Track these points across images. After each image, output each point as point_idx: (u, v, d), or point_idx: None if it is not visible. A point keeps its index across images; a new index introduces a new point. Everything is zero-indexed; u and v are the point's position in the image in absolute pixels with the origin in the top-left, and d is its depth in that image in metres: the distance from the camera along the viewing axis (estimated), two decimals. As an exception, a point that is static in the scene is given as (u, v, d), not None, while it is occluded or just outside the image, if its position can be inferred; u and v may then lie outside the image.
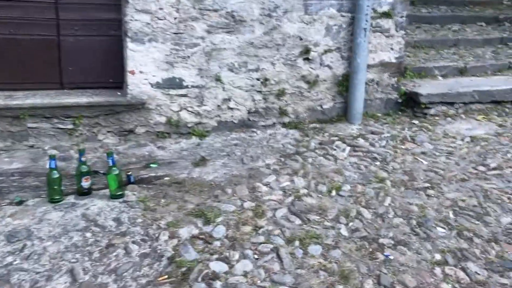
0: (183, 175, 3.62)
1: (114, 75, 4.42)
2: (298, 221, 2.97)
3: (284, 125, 4.72)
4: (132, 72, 4.18)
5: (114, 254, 2.59)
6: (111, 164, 3.11)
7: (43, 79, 4.28)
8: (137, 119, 4.30)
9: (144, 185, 3.44)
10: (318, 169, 3.70)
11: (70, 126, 4.13)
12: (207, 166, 3.79)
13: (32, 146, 4.05)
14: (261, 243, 2.74)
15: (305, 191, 3.35)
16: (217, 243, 2.73)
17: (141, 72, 4.20)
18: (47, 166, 3.15)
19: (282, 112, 4.72)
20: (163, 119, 4.37)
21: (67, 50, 4.30)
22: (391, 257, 2.65)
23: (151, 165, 3.84)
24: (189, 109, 4.43)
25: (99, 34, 4.36)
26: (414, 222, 3.00)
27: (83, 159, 3.15)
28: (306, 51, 4.64)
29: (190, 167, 3.79)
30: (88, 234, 2.74)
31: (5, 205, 3.08)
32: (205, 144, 4.28)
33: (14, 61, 4.16)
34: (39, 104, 3.96)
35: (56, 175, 3.10)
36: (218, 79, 4.43)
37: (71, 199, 3.16)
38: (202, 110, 4.46)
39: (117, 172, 3.15)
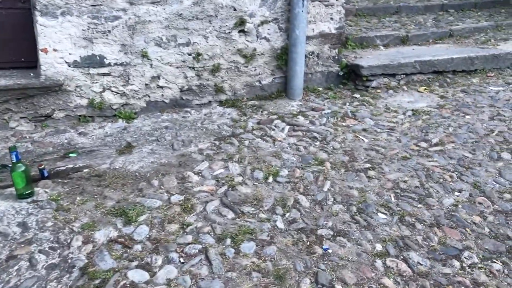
0: (104, 165, 3.25)
1: (26, 53, 3.92)
2: (231, 215, 2.71)
3: (221, 103, 4.40)
4: (45, 51, 3.70)
5: (16, 268, 2.24)
6: (15, 159, 2.70)
7: None
8: (54, 103, 3.85)
9: (60, 180, 3.05)
10: (255, 153, 3.43)
11: (-25, 113, 3.63)
12: (132, 154, 3.44)
13: None
14: (188, 243, 2.46)
15: (240, 178, 3.08)
16: (138, 247, 2.42)
17: (55, 50, 3.72)
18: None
19: (218, 89, 4.39)
20: (84, 102, 3.94)
21: (-33, 25, 3.75)
22: (330, 251, 2.45)
23: (70, 154, 3.45)
24: (113, 89, 4.01)
25: (5, 6, 3.82)
26: (354, 208, 2.81)
27: (-20, 155, 2.72)
28: (241, 22, 4.29)
29: (113, 156, 3.42)
30: (-15, 246, 2.35)
31: None
32: (133, 128, 3.91)
33: None
34: None
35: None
36: (144, 55, 4.02)
37: (-32, 201, 2.73)
38: (128, 90, 4.06)
39: (23, 168, 2.74)
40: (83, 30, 3.76)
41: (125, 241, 2.45)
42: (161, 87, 4.19)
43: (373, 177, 3.15)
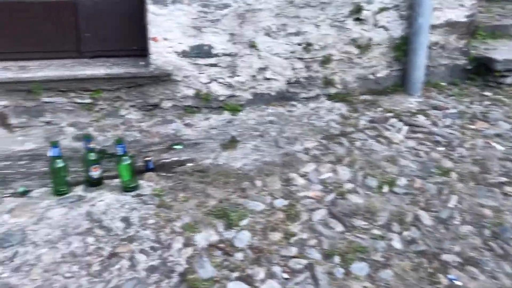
0: (208, 160, 3.14)
1: (138, 42, 3.93)
2: (339, 228, 2.44)
3: (330, 97, 4.10)
4: (155, 39, 3.67)
5: (117, 266, 2.19)
6: (121, 152, 2.68)
7: (59, 48, 3.87)
8: (162, 92, 3.83)
9: (164, 173, 3.00)
10: (367, 156, 3.11)
11: (89, 101, 3.73)
12: (236, 149, 3.29)
13: (48, 123, 3.69)
14: (292, 257, 2.25)
15: (350, 186, 2.79)
16: (239, 255, 2.26)
17: (165, 39, 3.68)
18: (49, 154, 2.75)
19: (328, 82, 4.09)
20: (191, 92, 3.88)
21: (85, 14, 3.84)
22: (459, 283, 2.08)
23: (175, 146, 3.40)
24: (220, 80, 3.90)
25: (119, -6, 3.87)
26: (487, 232, 2.40)
27: (90, 145, 2.73)
28: (358, 10, 3.93)
29: (217, 150, 3.30)
30: (90, 239, 2.34)
31: (7, 196, 2.74)
32: (238, 121, 3.77)
33: (26, 28, 3.75)
34: (52, 77, 3.56)
35: (59, 164, 2.71)
36: (253, 46, 3.84)
37: (79, 191, 2.78)
38: (234, 82, 3.92)
39: (128, 161, 2.72)
40: (192, 18, 3.67)
41: (225, 247, 2.30)
42: (268, 79, 3.99)
43: (510, 194, 2.68)
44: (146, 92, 3.81)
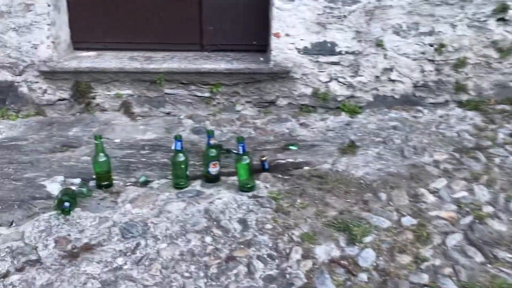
0: (326, 165, 2.98)
1: (258, 36, 3.88)
2: (479, 257, 2.15)
3: (461, 104, 3.73)
4: (277, 35, 3.57)
5: (234, 272, 2.11)
6: (241, 151, 2.61)
7: (182, 40, 3.93)
8: (279, 89, 3.74)
9: (279, 175, 2.89)
10: (509, 176, 2.74)
11: (208, 94, 3.74)
12: (356, 155, 3.09)
13: (168, 113, 3.78)
14: (424, 285, 2.01)
15: (490, 209, 2.47)
16: (363, 276, 2.07)
17: (287, 35, 3.57)
18: (172, 148, 2.77)
19: (459, 88, 3.72)
20: (308, 91, 3.74)
21: (209, 7, 3.85)
22: None
23: (291, 146, 3.28)
24: (341, 79, 3.71)
25: (244, -11, 3.82)
26: None
27: (211, 142, 2.70)
28: (503, 9, 3.51)
29: (335, 155, 3.13)
30: (208, 239, 2.30)
31: (129, 184, 2.81)
32: (356, 124, 3.56)
33: (153, 20, 3.85)
34: (175, 69, 3.62)
35: (181, 158, 2.71)
36: (379, 44, 3.59)
37: (197, 185, 2.76)
38: (356, 82, 3.71)
39: (247, 161, 2.64)
40: (318, 14, 3.51)
41: (348, 265, 2.13)
42: (393, 80, 3.72)
43: None
44: (263, 89, 3.74)
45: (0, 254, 2.19)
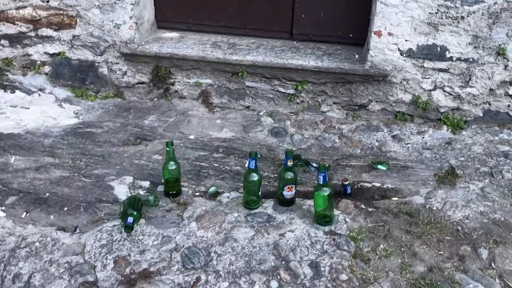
0: (418, 198, 2.61)
1: (356, 30, 3.44)
2: None
3: None
4: (378, 33, 3.13)
5: (299, 332, 1.87)
6: (321, 182, 2.30)
7: (270, 26, 3.60)
8: (373, 93, 3.33)
9: (362, 205, 2.56)
10: None
11: (291, 91, 3.43)
12: (455, 188, 2.68)
13: (247, 107, 3.53)
14: None
15: None
16: None
17: (390, 34, 3.11)
18: (246, 165, 2.53)
19: None
20: (407, 98, 3.29)
21: (303, -7, 3.46)
22: None
23: (379, 165, 2.92)
24: (447, 89, 3.21)
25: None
26: None
27: (289, 164, 2.42)
28: None
29: (431, 183, 2.73)
30: (274, 284, 2.08)
31: (198, 195, 2.63)
32: (459, 143, 3.09)
33: (241, 3, 3.54)
34: (259, 63, 3.32)
35: (255, 177, 2.47)
36: (500, 53, 3.04)
37: (268, 207, 2.53)
38: (465, 93, 3.20)
39: (328, 193, 2.34)
40: (429, 13, 3.00)
41: None
42: (511, 95, 3.16)
43: None
44: (354, 90, 3.35)
45: (59, 269, 2.12)
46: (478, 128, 3.24)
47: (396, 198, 2.63)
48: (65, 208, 2.50)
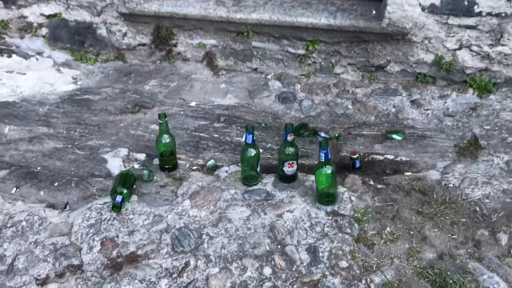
0: (434, 174, 2.39)
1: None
2: None
3: None
4: (397, -14, 2.80)
5: (289, 325, 1.75)
6: (323, 159, 2.11)
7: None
8: (392, 53, 3.04)
9: (371, 181, 2.37)
10: None
11: (302, 52, 3.18)
12: (477, 162, 2.44)
13: (255, 70, 3.32)
14: None
15: None
16: None
17: (410, -14, 2.79)
18: (243, 140, 2.37)
19: None
20: (429, 58, 3.00)
21: None
22: None
23: (394, 135, 2.70)
24: (474, 48, 2.90)
25: None
26: None
27: (289, 138, 2.23)
28: None
29: (449, 156, 2.50)
30: (267, 271, 1.94)
31: (196, 169, 2.50)
32: (486, 109, 2.82)
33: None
34: (266, 21, 3.07)
35: (252, 153, 2.30)
36: (538, 6, 2.68)
37: (268, 183, 2.37)
38: (495, 52, 2.88)
39: (330, 170, 2.14)
40: (456, -39, 2.65)
41: None
42: (548, 55, 2.82)
43: None
44: (370, 50, 3.07)
45: (44, 251, 2.04)
46: (508, 92, 2.94)
47: (409, 173, 2.41)
48: (56, 184, 2.41)
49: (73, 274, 1.95)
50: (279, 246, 2.04)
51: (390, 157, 2.55)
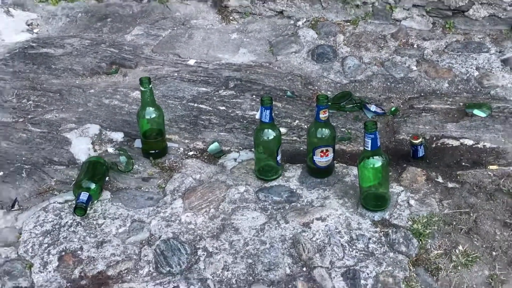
0: (525, 167, 2.32)
1: None
2: None
3: None
4: None
5: None
6: (369, 147, 2.06)
7: None
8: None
9: (439, 177, 2.32)
10: None
11: (347, -12, 3.11)
12: None
13: (280, 13, 3.30)
14: None
15: None
16: None
17: None
18: (257, 117, 2.33)
19: None
20: (531, -2, 2.88)
21: None
22: None
23: (475, 110, 2.66)
24: None
25: None
26: None
27: (322, 116, 2.17)
28: None
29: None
30: (285, 304, 1.91)
31: (192, 155, 2.49)
32: None
33: None
34: None
35: (270, 135, 2.26)
36: None
37: (293, 178, 2.36)
38: None
39: (380, 163, 2.09)
40: None
41: None
42: None
43: None
44: (446, -14, 2.97)
45: (-17, 268, 2.06)
46: None
47: (495, 167, 2.36)
48: (1, 173, 2.42)
49: (19, 302, 1.97)
50: (304, 269, 2.01)
51: (469, 142, 2.51)
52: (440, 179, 2.31)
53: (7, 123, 2.66)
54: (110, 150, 2.53)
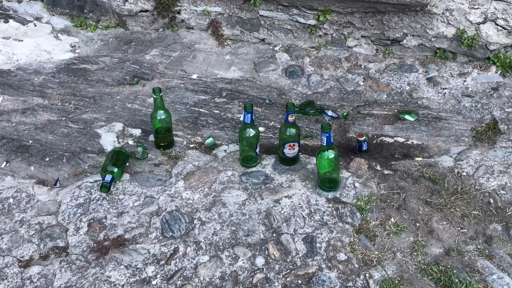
0: (447, 160, 2.24)
1: None
2: None
3: None
4: (417, -49, 2.57)
5: (280, 321, 1.66)
6: (325, 143, 1.97)
7: None
8: (409, 26, 2.84)
9: (378, 166, 2.23)
10: None
11: (312, 22, 3.00)
12: (495, 148, 2.30)
13: (262, 40, 3.15)
14: None
15: None
16: None
17: (432, -49, 2.56)
18: (241, 119, 2.23)
19: None
20: (450, 32, 2.80)
21: None
22: None
23: (407, 115, 2.54)
24: (500, 22, 2.69)
25: None
26: None
27: (290, 119, 2.09)
28: None
29: (465, 140, 2.34)
30: (260, 261, 1.85)
31: (193, 147, 2.39)
32: (509, 90, 2.64)
33: None
34: (274, -12, 2.87)
35: (251, 133, 2.17)
36: None
37: (268, 165, 2.25)
38: (523, 28, 2.65)
39: (333, 155, 2.01)
40: None
41: None
42: None
43: None
44: (386, 22, 2.87)
45: (29, 231, 1.97)
46: (535, 71, 2.72)
47: (420, 159, 2.27)
48: (47, 159, 2.33)
49: (57, 257, 1.88)
50: (274, 235, 1.93)
51: (401, 139, 2.40)
52: (378, 167, 2.23)
53: (53, 120, 2.56)
54: (130, 142, 2.42)
